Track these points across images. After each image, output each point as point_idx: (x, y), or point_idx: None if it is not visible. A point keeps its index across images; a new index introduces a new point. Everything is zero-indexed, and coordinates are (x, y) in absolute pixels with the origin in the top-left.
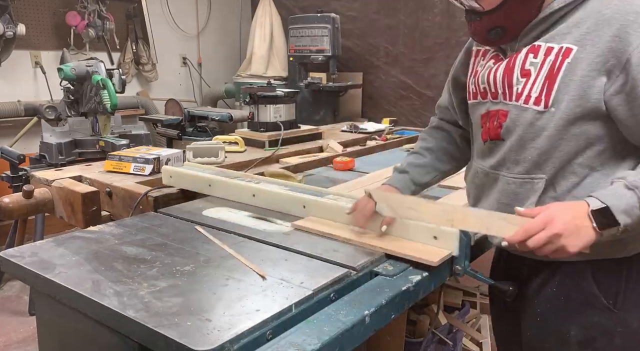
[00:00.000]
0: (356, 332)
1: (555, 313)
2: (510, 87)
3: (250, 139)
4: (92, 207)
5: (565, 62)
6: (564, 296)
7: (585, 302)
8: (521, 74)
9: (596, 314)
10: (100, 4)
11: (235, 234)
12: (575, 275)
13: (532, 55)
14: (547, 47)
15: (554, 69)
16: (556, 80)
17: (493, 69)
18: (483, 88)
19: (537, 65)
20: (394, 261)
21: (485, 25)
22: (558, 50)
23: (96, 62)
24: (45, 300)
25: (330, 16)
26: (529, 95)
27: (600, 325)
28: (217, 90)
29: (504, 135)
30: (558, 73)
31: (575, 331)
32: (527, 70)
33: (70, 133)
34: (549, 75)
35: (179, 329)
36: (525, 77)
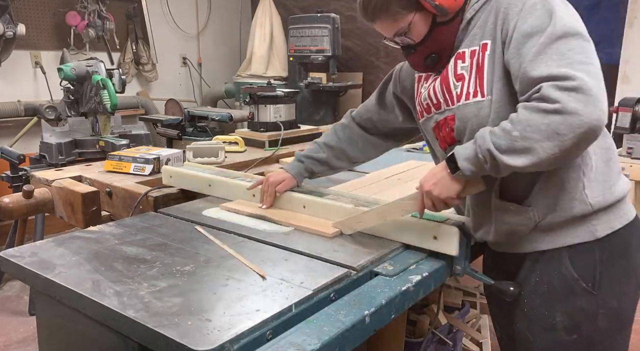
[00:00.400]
0: (356, 332)
1: (541, 302)
2: (450, 92)
3: (250, 139)
4: (92, 207)
5: (485, 54)
6: (547, 284)
7: (566, 288)
8: (456, 78)
9: (578, 299)
10: (100, 4)
11: (235, 234)
12: (554, 263)
13: (460, 61)
14: (470, 51)
15: (479, 64)
16: (484, 71)
17: (432, 85)
18: (426, 105)
19: (467, 68)
20: (394, 261)
21: (420, 55)
22: (479, 48)
23: (96, 62)
24: (45, 300)
25: (330, 16)
26: (468, 92)
27: (582, 309)
28: (217, 90)
29: (457, 136)
30: (483, 65)
31: (561, 318)
32: (460, 74)
33: (70, 133)
34: (477, 70)
35: (179, 329)
36: (460, 80)
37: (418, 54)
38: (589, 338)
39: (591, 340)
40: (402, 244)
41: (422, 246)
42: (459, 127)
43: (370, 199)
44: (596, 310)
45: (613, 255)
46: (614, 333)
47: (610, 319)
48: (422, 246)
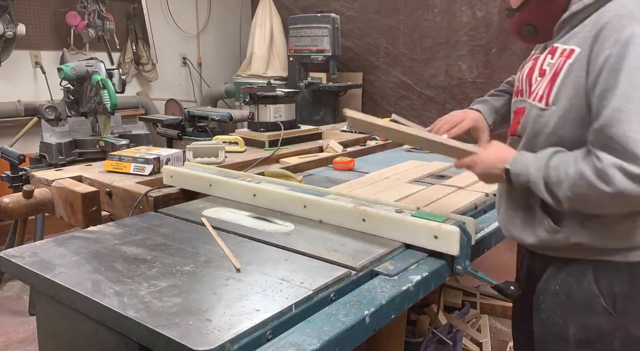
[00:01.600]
0: (356, 332)
1: (557, 310)
2: (530, 85)
3: (250, 139)
4: (92, 207)
5: (566, 62)
6: (565, 294)
7: (584, 302)
8: (539, 73)
9: (595, 315)
10: (100, 4)
11: (235, 234)
12: (577, 274)
13: (550, 56)
14: (562, 49)
15: (557, 69)
16: (557, 80)
17: (527, 68)
18: (517, 87)
19: (552, 66)
20: (394, 261)
21: (516, 22)
22: (567, 50)
23: (96, 62)
24: (45, 300)
25: (330, 16)
26: (537, 93)
27: (598, 327)
28: (217, 90)
29: (520, 131)
30: (559, 73)
31: (574, 331)
32: (544, 70)
33: (70, 133)
34: (553, 74)
35: (179, 329)
36: (541, 76)
37: (515, 20)
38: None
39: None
40: (403, 244)
41: (422, 246)
42: (523, 123)
43: (371, 199)
44: (613, 331)
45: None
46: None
47: (626, 344)
48: (422, 246)
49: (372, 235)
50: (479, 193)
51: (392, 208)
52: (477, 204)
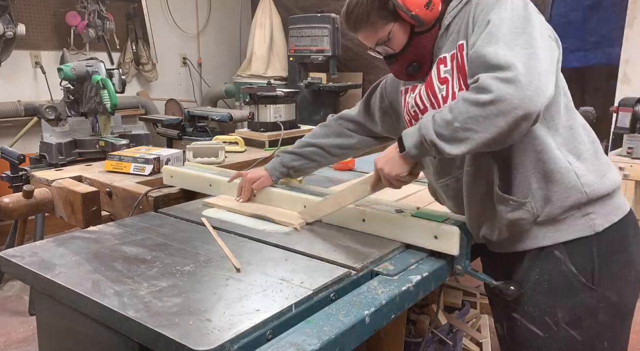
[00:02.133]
0: (356, 332)
1: (542, 299)
2: (435, 96)
3: (250, 139)
4: (92, 207)
5: (463, 54)
6: (547, 281)
7: (567, 284)
8: (440, 82)
9: (578, 294)
10: (100, 4)
11: (235, 234)
12: (553, 259)
13: (443, 65)
14: (450, 55)
15: (460, 64)
16: (466, 69)
17: (417, 93)
18: (414, 112)
19: (449, 71)
20: (394, 261)
21: (401, 64)
22: (456, 49)
23: (96, 62)
24: (45, 300)
25: (330, 16)
26: (454, 92)
27: (583, 303)
28: (217, 90)
29: None
30: (464, 64)
31: (563, 314)
32: (444, 78)
33: (70, 133)
34: (458, 69)
35: (179, 329)
36: (444, 83)
37: (399, 63)
38: (591, 332)
39: (593, 334)
40: (403, 244)
41: (422, 246)
42: None
43: (371, 199)
44: (597, 304)
45: (611, 249)
46: (616, 326)
47: (611, 312)
48: (422, 246)
49: (372, 235)
50: None
51: (392, 208)
52: None
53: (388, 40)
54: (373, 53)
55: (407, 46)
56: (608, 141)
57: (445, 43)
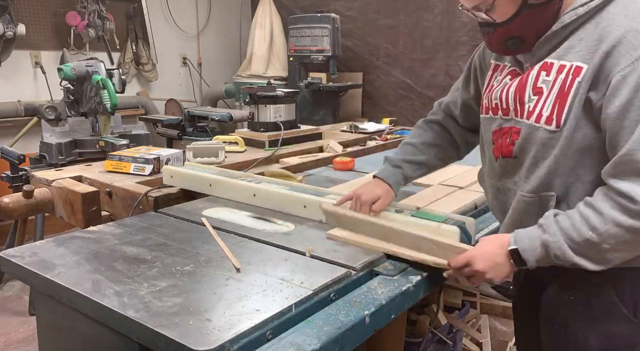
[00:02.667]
0: (356, 332)
1: (575, 321)
2: (522, 104)
3: (250, 139)
4: (92, 207)
5: (575, 80)
6: (583, 304)
7: (605, 311)
8: (533, 91)
9: (616, 323)
10: (100, 4)
11: (235, 234)
12: (594, 284)
13: (545, 72)
14: (559, 65)
15: (564, 88)
16: (567, 100)
17: (507, 85)
18: (495, 104)
19: (549, 83)
20: (394, 261)
21: (499, 36)
22: (569, 68)
23: (96, 62)
24: (45, 300)
25: (330, 16)
26: (540, 113)
27: (620, 335)
28: (217, 90)
29: (516, 153)
30: (569, 92)
31: (595, 341)
32: (539, 88)
33: (70, 133)
34: (560, 94)
35: (179, 329)
36: (537, 95)
37: (498, 34)
38: None
39: None
40: None
41: None
42: (521, 145)
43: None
44: (635, 338)
45: None
46: None
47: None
48: None
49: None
50: (479, 193)
51: (392, 208)
52: (477, 204)
53: (491, 7)
54: (467, 12)
55: (514, 18)
56: None
57: (556, 41)
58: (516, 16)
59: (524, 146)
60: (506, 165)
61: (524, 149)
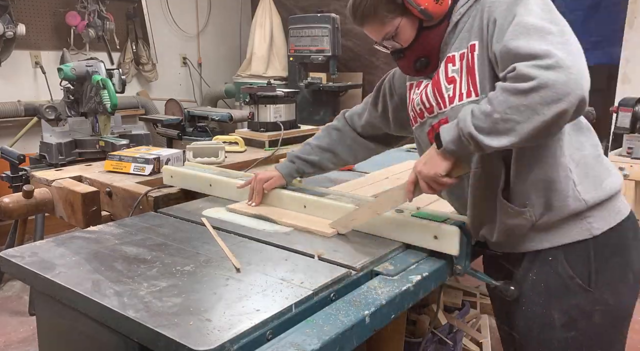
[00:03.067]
0: (356, 332)
1: (538, 300)
2: (442, 95)
3: (250, 139)
4: (92, 207)
5: (475, 55)
6: (544, 282)
7: (563, 285)
8: (447, 82)
9: (574, 296)
10: (100, 4)
11: (235, 234)
12: (550, 261)
13: (451, 64)
14: (459, 54)
15: (469, 65)
16: (475, 71)
17: (423, 90)
18: (419, 110)
19: (457, 71)
20: (394, 261)
21: (409, 59)
22: (467, 50)
23: (96, 62)
24: (45, 300)
25: (330, 16)
26: (461, 93)
27: (578, 306)
28: (217, 90)
29: None
30: (474, 65)
31: (558, 315)
32: (451, 77)
33: (70, 133)
34: (468, 71)
35: (179, 329)
36: (452, 83)
37: (407, 58)
38: (587, 334)
39: (589, 336)
40: (403, 244)
41: (422, 246)
42: None
43: (371, 199)
44: (592, 306)
45: (608, 252)
46: (612, 328)
47: (607, 315)
48: (422, 246)
49: (372, 235)
50: None
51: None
52: None
53: (395, 35)
54: (380, 48)
55: (415, 41)
56: (608, 141)
57: (453, 40)
58: (417, 39)
59: None
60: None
61: None
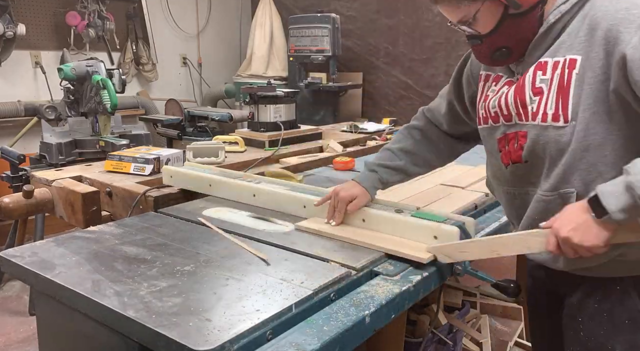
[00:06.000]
0: (356, 332)
1: (599, 329)
2: (525, 107)
3: (250, 139)
4: (92, 207)
5: (573, 73)
6: (607, 312)
7: (629, 319)
8: (533, 92)
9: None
10: (100, 4)
11: (235, 234)
12: (618, 292)
13: (541, 72)
14: (553, 62)
15: (564, 83)
16: (569, 93)
17: (505, 92)
18: (494, 113)
19: (547, 82)
20: (394, 261)
21: (486, 48)
22: (564, 62)
23: (96, 62)
24: (45, 300)
25: (330, 16)
26: (545, 112)
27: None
28: (217, 90)
29: (525, 157)
30: (569, 85)
31: (620, 349)
32: (538, 88)
33: (70, 133)
34: (560, 88)
35: (179, 329)
36: (538, 95)
37: (485, 46)
38: None
39: None
40: None
41: None
42: (530, 148)
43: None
44: None
45: None
46: None
47: None
48: None
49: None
50: (479, 193)
51: (392, 208)
52: (477, 204)
53: (474, 20)
54: (455, 28)
55: (497, 29)
56: None
57: (546, 43)
58: (499, 27)
59: (533, 148)
60: (516, 170)
61: (534, 152)
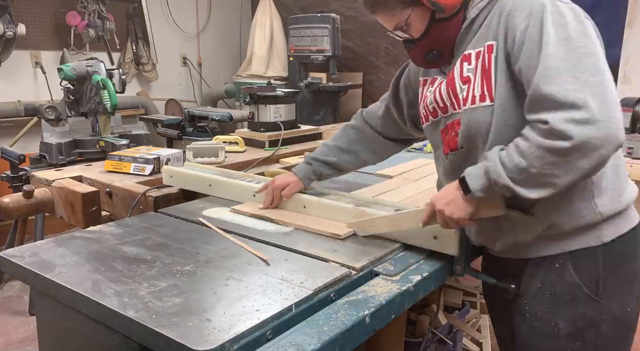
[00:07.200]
0: (356, 332)
1: (543, 309)
2: (456, 96)
3: (250, 139)
4: (92, 207)
5: (492, 56)
6: (549, 291)
7: (569, 294)
8: (462, 81)
9: (581, 305)
10: (100, 4)
11: (235, 234)
12: (557, 268)
13: (467, 63)
14: (476, 52)
15: (485, 66)
16: (491, 75)
17: (438, 88)
18: (432, 108)
19: (472, 70)
20: (394, 261)
21: (420, 51)
22: (484, 49)
23: (96, 62)
24: (45, 300)
25: (330, 16)
26: (474, 95)
27: (585, 315)
28: (217, 90)
29: (461, 143)
30: (490, 67)
31: (564, 325)
32: (466, 77)
33: (70, 133)
34: (483, 72)
35: (179, 329)
36: (466, 83)
37: (418, 49)
38: (593, 344)
39: (594, 347)
40: (402, 244)
41: (422, 246)
42: (464, 132)
43: (370, 199)
44: (600, 316)
45: (617, 260)
46: (617, 339)
47: (614, 326)
48: (422, 246)
49: (371, 235)
50: None
51: (392, 208)
52: None
53: (406, 26)
54: (393, 35)
55: (426, 33)
56: None
57: (469, 37)
58: (428, 31)
59: (467, 132)
60: (455, 159)
61: (468, 136)
